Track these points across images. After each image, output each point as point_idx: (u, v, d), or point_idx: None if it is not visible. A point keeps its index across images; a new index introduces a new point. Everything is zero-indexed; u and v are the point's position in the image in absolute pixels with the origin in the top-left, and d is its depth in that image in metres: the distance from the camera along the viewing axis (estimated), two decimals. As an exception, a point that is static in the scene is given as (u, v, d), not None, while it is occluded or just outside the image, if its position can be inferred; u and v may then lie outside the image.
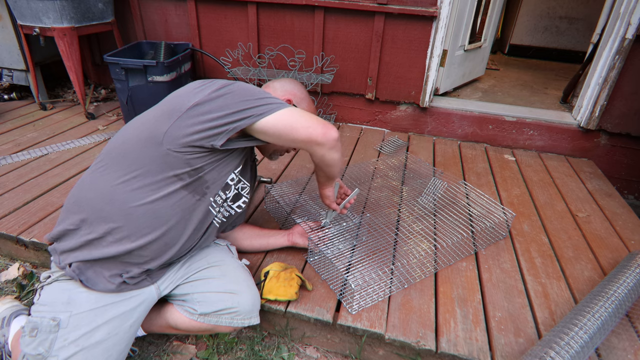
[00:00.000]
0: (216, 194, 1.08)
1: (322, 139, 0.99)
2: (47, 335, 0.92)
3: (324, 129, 0.99)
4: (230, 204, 1.16)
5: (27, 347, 0.92)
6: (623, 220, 1.80)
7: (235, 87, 0.98)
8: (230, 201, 1.15)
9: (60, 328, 0.93)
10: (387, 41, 2.42)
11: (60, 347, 0.91)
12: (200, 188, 1.03)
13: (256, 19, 2.52)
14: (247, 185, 1.19)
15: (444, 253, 1.49)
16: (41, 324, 0.93)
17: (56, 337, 0.92)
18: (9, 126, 2.44)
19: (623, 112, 2.29)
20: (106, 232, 0.96)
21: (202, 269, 1.16)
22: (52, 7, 2.23)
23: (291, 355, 1.26)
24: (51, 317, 0.94)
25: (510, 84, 3.34)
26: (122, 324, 1.00)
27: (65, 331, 0.93)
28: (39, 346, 0.91)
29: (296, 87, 1.25)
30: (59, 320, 0.94)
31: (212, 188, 1.05)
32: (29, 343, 0.92)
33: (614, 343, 1.16)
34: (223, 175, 1.06)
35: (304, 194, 1.81)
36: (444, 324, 1.20)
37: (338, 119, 2.76)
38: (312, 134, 0.98)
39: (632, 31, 2.07)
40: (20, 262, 1.57)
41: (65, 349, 0.91)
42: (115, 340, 0.98)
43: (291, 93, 1.22)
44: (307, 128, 0.98)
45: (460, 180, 2.05)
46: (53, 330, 0.92)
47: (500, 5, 3.18)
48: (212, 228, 1.14)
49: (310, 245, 1.37)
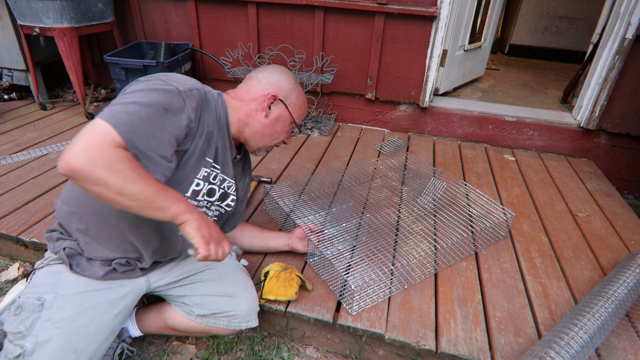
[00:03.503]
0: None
1: (64, 169, 0.71)
2: (30, 314, 0.91)
3: (66, 155, 0.70)
4: (218, 203, 1.12)
5: (10, 326, 0.91)
6: (623, 220, 1.80)
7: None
8: (218, 201, 1.11)
9: (44, 308, 0.92)
10: (387, 41, 2.42)
11: (41, 327, 0.90)
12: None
13: (256, 19, 2.52)
14: (233, 183, 1.13)
15: (444, 253, 1.49)
16: (26, 303, 0.93)
17: (39, 317, 0.91)
18: (9, 126, 2.43)
19: (623, 112, 2.29)
20: (86, 227, 0.97)
21: (200, 270, 1.15)
22: (52, 7, 2.23)
23: (291, 355, 1.26)
24: (36, 297, 0.93)
25: (510, 84, 3.34)
26: (108, 312, 0.99)
27: (48, 312, 0.92)
28: (19, 324, 0.90)
29: (283, 77, 1.11)
30: (44, 300, 0.93)
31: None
32: (12, 322, 0.91)
33: (614, 343, 1.16)
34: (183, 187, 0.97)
35: (303, 194, 1.81)
36: (444, 324, 1.20)
37: (338, 119, 2.76)
38: (59, 164, 0.71)
39: (632, 31, 2.07)
40: (20, 262, 1.57)
41: (46, 330, 0.90)
42: (99, 327, 0.97)
43: (277, 86, 1.09)
44: (63, 156, 0.71)
45: (460, 180, 2.05)
46: (37, 310, 0.92)
47: (500, 5, 3.18)
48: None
49: (309, 248, 1.37)
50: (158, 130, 0.83)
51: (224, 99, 1.04)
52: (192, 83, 0.93)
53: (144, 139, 0.80)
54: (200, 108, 0.93)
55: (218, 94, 1.04)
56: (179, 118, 0.86)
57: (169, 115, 0.84)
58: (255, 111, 1.07)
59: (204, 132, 0.95)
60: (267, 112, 1.07)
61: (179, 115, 0.86)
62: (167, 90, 0.85)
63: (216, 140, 1.00)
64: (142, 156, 0.81)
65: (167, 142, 0.85)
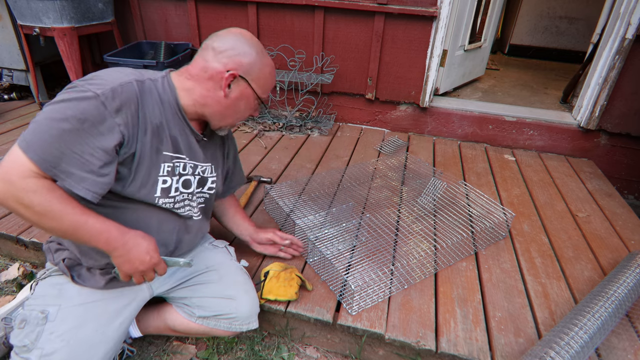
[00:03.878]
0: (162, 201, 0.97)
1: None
2: (35, 327, 0.91)
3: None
4: (199, 190, 1.08)
5: (15, 339, 0.92)
6: (623, 220, 1.80)
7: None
8: (197, 189, 1.07)
9: (48, 321, 0.92)
10: (387, 41, 2.42)
11: (45, 340, 0.90)
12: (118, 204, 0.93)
13: (256, 19, 2.52)
14: (208, 165, 1.08)
15: (444, 253, 1.49)
16: (30, 316, 0.93)
17: (43, 330, 0.91)
18: (9, 126, 2.43)
19: (623, 112, 2.29)
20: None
21: (200, 272, 1.15)
22: (52, 7, 2.22)
23: (291, 355, 1.26)
24: (40, 310, 0.94)
25: (510, 84, 3.34)
26: (111, 322, 0.99)
27: (52, 324, 0.92)
28: (25, 338, 0.91)
29: (243, 48, 0.93)
30: (47, 313, 0.93)
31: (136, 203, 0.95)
32: (17, 335, 0.92)
33: (614, 343, 1.16)
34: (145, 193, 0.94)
35: (303, 194, 1.81)
36: (444, 324, 1.20)
37: (338, 119, 2.76)
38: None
39: (632, 31, 2.07)
40: (20, 262, 1.57)
41: (51, 342, 0.90)
42: (103, 338, 0.96)
43: (235, 61, 0.93)
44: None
45: (460, 180, 2.05)
46: (41, 322, 0.92)
47: (500, 5, 3.18)
48: (191, 223, 1.08)
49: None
50: (76, 145, 0.77)
51: (172, 82, 0.95)
52: (120, 79, 0.84)
53: (60, 157, 0.76)
54: (133, 105, 0.84)
55: (163, 77, 0.94)
56: (100, 126, 0.79)
57: (86, 126, 0.77)
58: (212, 90, 0.94)
59: (148, 128, 0.88)
60: (226, 92, 0.94)
61: (101, 122, 0.79)
62: (83, 98, 0.77)
63: (169, 130, 0.94)
64: (63, 175, 0.77)
65: (90, 155, 0.78)
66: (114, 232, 0.83)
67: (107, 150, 0.80)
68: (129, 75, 0.87)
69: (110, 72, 0.86)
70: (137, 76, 0.88)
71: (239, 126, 2.58)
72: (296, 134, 2.53)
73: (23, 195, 0.74)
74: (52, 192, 0.76)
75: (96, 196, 0.82)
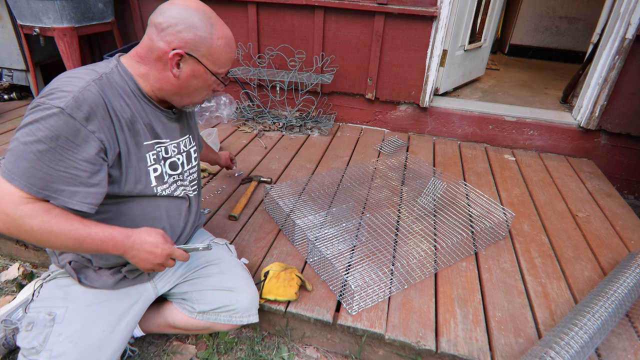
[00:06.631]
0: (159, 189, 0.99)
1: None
2: (42, 329, 0.92)
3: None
4: (188, 167, 1.09)
5: (23, 342, 0.92)
6: (623, 220, 1.80)
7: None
8: (186, 166, 1.08)
9: (56, 323, 0.93)
10: (387, 41, 2.42)
11: (54, 342, 0.91)
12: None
13: (256, 19, 2.52)
14: (186, 137, 1.08)
15: (444, 253, 1.49)
16: (37, 319, 0.93)
17: (51, 332, 0.91)
18: (9, 126, 2.43)
19: (623, 112, 2.29)
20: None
21: (201, 267, 1.16)
22: (52, 7, 2.22)
23: (291, 355, 1.26)
24: (47, 312, 0.94)
25: (510, 84, 3.34)
26: (118, 322, 1.00)
27: (60, 326, 0.92)
28: (33, 340, 0.91)
29: (187, 22, 0.86)
30: (55, 315, 0.93)
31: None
32: (24, 337, 0.92)
33: (614, 343, 1.16)
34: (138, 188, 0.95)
35: (303, 194, 1.81)
36: (444, 324, 1.20)
37: (338, 119, 2.76)
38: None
39: (632, 31, 2.07)
40: (20, 262, 1.57)
41: (59, 344, 0.91)
42: (110, 338, 0.97)
43: (180, 38, 0.86)
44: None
45: (460, 180, 2.05)
46: (48, 324, 0.92)
47: (500, 5, 3.18)
48: (191, 202, 1.12)
49: (308, 249, 1.37)
50: (58, 163, 0.77)
51: (126, 69, 0.91)
52: (78, 85, 0.80)
53: (46, 178, 0.77)
54: (101, 107, 0.82)
55: (116, 66, 0.91)
56: (75, 139, 0.78)
57: (61, 143, 0.76)
58: (163, 72, 0.90)
59: (123, 124, 0.87)
60: (176, 73, 0.89)
61: (74, 135, 0.77)
62: (48, 115, 0.76)
63: (142, 119, 0.92)
64: (55, 194, 0.78)
65: (75, 169, 0.79)
66: (118, 237, 0.84)
67: (90, 160, 0.80)
68: (85, 77, 0.83)
69: (65, 80, 0.82)
70: (92, 76, 0.84)
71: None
72: (296, 134, 2.53)
73: (22, 223, 0.76)
74: (48, 213, 0.77)
75: (92, 207, 0.83)
